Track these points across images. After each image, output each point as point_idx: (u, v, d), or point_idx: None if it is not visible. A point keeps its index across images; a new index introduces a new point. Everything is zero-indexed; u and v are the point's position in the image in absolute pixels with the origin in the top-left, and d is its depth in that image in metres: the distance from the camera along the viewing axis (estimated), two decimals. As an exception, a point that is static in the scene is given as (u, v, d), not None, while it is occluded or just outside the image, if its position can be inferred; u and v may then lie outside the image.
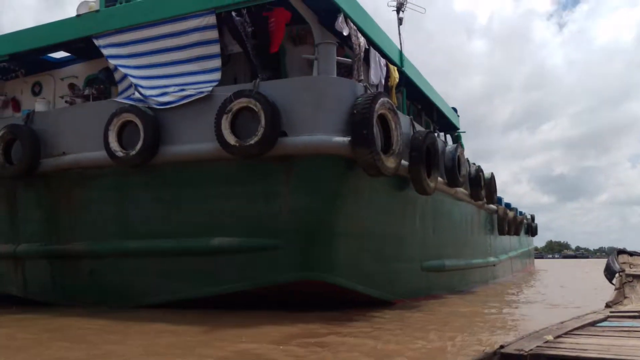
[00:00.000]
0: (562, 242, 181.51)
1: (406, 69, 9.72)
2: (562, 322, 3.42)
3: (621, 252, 6.56)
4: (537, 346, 2.48)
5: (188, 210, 6.82)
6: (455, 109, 14.32)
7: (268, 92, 6.34)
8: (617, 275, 5.44)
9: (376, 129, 6.48)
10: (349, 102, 6.40)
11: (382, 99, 6.49)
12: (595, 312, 3.93)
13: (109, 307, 6.99)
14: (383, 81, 8.38)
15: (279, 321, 5.66)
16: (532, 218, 32.10)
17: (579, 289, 13.17)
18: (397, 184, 7.76)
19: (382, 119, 6.69)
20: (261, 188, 6.48)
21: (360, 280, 7.01)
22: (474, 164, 11.71)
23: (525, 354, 2.33)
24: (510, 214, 17.12)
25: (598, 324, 3.40)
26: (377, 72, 8.21)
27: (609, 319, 3.62)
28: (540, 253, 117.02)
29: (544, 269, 29.62)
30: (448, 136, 14.76)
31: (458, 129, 14.57)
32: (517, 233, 20.45)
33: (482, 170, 11.82)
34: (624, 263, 5.95)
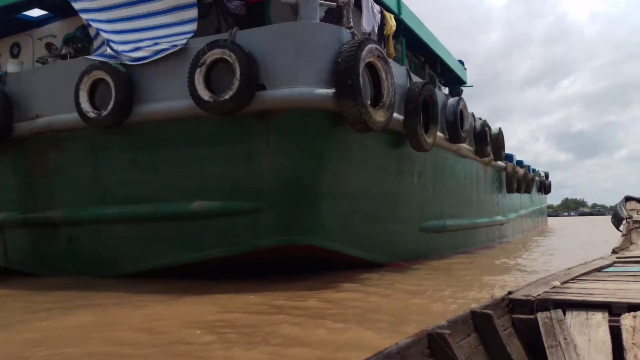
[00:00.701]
0: (578, 199, 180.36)
1: (405, 17, 9.01)
2: (569, 269, 3.41)
3: (629, 198, 6.39)
4: (545, 292, 2.50)
5: (165, 173, 6.40)
6: (462, 62, 13.53)
7: (245, 41, 5.79)
8: (624, 221, 5.33)
9: (364, 80, 5.93)
10: (334, 50, 5.82)
11: (370, 46, 5.89)
12: (602, 258, 3.90)
13: (91, 277, 6.72)
14: (376, 29, 7.73)
15: (257, 287, 5.31)
16: (547, 175, 31.38)
17: (587, 242, 12.72)
18: (392, 140, 7.24)
19: (371, 68, 6.11)
20: (241, 147, 6.01)
21: (351, 242, 6.60)
22: (480, 118, 11.06)
23: (533, 299, 2.35)
24: (521, 171, 16.49)
25: (605, 270, 3.37)
26: (369, 19, 7.56)
27: (615, 265, 3.60)
28: (556, 211, 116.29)
29: (558, 227, 29.08)
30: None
31: (465, 82, 13.83)
32: (528, 191, 19.85)
33: (488, 125, 11.16)
34: (632, 210, 5.81)
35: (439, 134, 8.62)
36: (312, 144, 5.90)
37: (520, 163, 22.20)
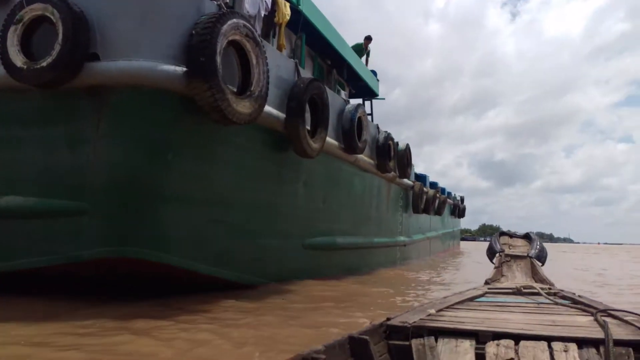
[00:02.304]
0: (494, 225, 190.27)
1: (305, 10, 8.13)
2: (445, 297, 3.60)
3: (503, 233, 6.73)
4: (420, 319, 2.58)
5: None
6: (374, 72, 12.92)
7: (79, -2, 4.60)
8: (497, 254, 5.57)
9: (227, 61, 4.92)
10: (191, 22, 4.76)
11: (235, 21, 4.87)
12: (475, 289, 4.07)
13: None
14: (263, 13, 6.76)
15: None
16: (462, 200, 31.97)
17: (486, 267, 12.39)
18: (271, 141, 6.24)
19: (240, 50, 5.10)
20: (63, 130, 4.76)
21: (207, 259, 5.47)
22: (386, 132, 10.39)
23: (409, 326, 2.42)
24: (431, 192, 16.13)
25: (477, 299, 3.52)
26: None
27: (487, 295, 3.76)
28: (473, 236, 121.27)
29: (472, 250, 29.47)
30: (367, 103, 13.40)
31: (377, 95, 13.21)
32: (439, 213, 19.70)
33: (392, 139, 10.52)
34: (504, 244, 6.09)
35: (332, 141, 7.78)
36: (155, 133, 4.75)
37: (434, 185, 22.17)
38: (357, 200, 9.38)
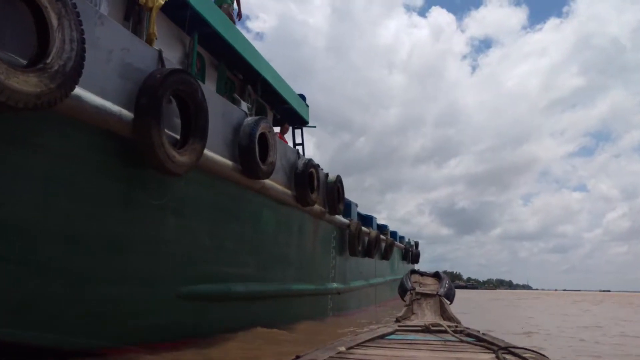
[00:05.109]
0: (455, 272, 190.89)
1: (196, 4, 6.65)
2: (356, 335, 3.61)
3: (414, 272, 6.75)
4: (330, 357, 2.59)
5: None
6: (303, 97, 11.51)
7: None
8: (408, 292, 5.58)
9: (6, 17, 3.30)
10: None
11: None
12: (386, 326, 4.12)
13: None
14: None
15: None
16: (416, 245, 30.75)
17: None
18: (113, 149, 4.57)
19: (31, 3, 3.49)
20: None
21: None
22: (308, 158, 8.87)
23: None
24: (373, 233, 14.58)
25: (387, 337, 3.58)
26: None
27: (397, 332, 3.84)
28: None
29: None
30: (297, 131, 11.94)
31: (307, 122, 11.77)
32: (386, 257, 18.14)
33: (316, 167, 8.98)
34: (415, 282, 6.12)
35: (224, 160, 6.16)
36: None
37: (383, 227, 20.76)
38: (268, 237, 7.67)
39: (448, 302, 5.34)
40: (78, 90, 3.96)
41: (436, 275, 6.65)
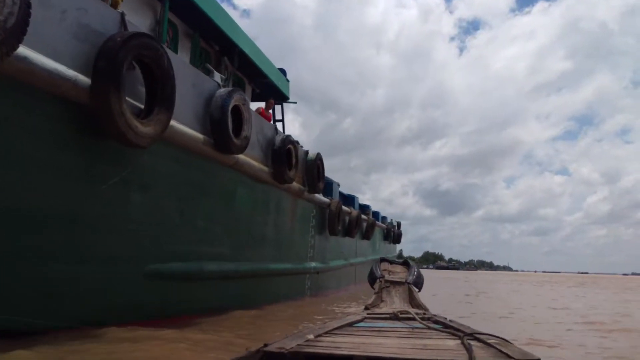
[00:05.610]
0: (437, 253, 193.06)
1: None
2: (325, 322, 3.66)
3: (383, 259, 6.94)
4: (298, 344, 2.56)
5: None
6: (283, 71, 11.15)
7: None
8: (377, 280, 5.59)
9: None
10: None
11: None
12: (354, 314, 4.10)
13: None
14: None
15: None
16: (398, 225, 30.73)
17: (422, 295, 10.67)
18: (68, 117, 4.23)
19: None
20: None
21: None
22: (286, 135, 8.58)
23: (286, 352, 2.39)
24: (354, 212, 14.41)
25: (355, 324, 3.58)
26: None
27: (365, 320, 3.82)
28: (416, 263, 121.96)
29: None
30: (278, 106, 11.58)
31: (287, 98, 11.43)
32: (367, 237, 18.03)
33: (294, 143, 8.70)
34: (385, 270, 6.17)
35: (194, 133, 5.85)
36: None
37: (365, 207, 20.59)
38: (243, 215, 7.41)
39: (417, 290, 5.38)
40: (25, 51, 3.63)
41: (405, 264, 6.77)
